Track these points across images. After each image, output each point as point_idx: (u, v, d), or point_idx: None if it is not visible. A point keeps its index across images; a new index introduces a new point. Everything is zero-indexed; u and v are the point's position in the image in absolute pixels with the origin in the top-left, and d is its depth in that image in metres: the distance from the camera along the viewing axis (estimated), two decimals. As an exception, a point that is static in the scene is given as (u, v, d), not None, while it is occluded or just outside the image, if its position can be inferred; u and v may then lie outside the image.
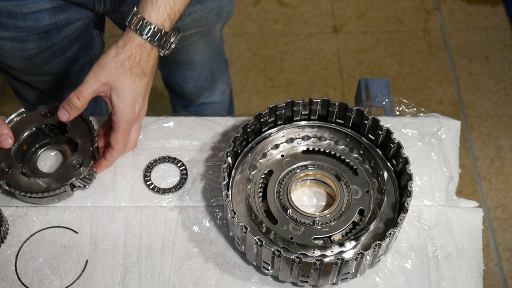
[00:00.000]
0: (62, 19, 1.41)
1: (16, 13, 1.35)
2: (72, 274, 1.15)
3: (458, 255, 1.19)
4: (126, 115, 1.19)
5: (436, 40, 3.04)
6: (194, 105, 2.01)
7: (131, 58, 1.16)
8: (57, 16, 1.40)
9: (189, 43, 1.66)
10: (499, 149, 2.71)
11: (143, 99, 1.21)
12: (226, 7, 1.63)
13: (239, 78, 2.90)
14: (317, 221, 1.15)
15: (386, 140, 1.20)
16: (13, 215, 1.21)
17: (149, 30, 1.14)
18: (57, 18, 1.40)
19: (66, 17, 1.42)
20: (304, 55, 2.99)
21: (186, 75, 1.83)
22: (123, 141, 1.23)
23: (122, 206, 1.23)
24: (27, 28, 1.39)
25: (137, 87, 1.18)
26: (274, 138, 1.24)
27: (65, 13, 1.40)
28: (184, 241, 1.19)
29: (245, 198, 1.16)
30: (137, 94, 1.18)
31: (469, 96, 2.87)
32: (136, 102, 1.19)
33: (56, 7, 1.38)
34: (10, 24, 1.37)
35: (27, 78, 1.58)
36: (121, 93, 1.16)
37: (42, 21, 1.39)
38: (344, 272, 1.08)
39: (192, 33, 1.62)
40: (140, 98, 1.19)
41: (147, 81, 1.20)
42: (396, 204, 1.17)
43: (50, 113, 1.26)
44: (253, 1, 3.16)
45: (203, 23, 1.60)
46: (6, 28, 1.38)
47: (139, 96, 1.19)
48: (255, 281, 1.15)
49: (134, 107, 1.19)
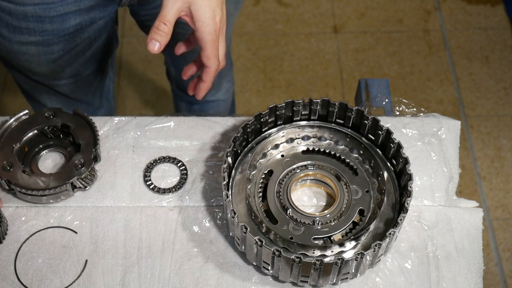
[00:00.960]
0: (87, 19, 1.40)
1: (43, 17, 1.34)
2: (72, 274, 1.15)
3: (458, 255, 1.19)
4: (210, 26, 1.17)
5: (436, 40, 3.04)
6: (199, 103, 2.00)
7: None
8: (82, 16, 1.39)
9: None
10: (499, 149, 2.71)
11: (221, 8, 1.20)
12: None
13: (239, 78, 2.90)
14: (317, 221, 1.15)
15: (386, 140, 1.20)
16: (13, 215, 1.21)
17: None
18: (83, 18, 1.39)
19: (90, 17, 1.41)
20: (304, 55, 2.99)
21: None
22: (214, 56, 1.21)
23: (122, 206, 1.23)
24: (53, 31, 1.37)
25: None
26: (274, 138, 1.24)
27: (89, 13, 1.39)
28: (184, 241, 1.19)
29: (245, 198, 1.16)
30: (214, 4, 1.17)
31: (469, 96, 2.87)
32: (216, 12, 1.18)
33: (82, 8, 1.37)
34: (36, 28, 1.36)
35: (48, 83, 1.57)
36: (200, 5, 1.16)
37: (68, 23, 1.37)
38: (344, 272, 1.09)
39: None
40: (219, 8, 1.19)
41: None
42: (396, 204, 1.17)
43: (54, 115, 1.26)
44: (253, 1, 3.16)
45: None
46: (32, 33, 1.36)
47: (217, 5, 1.18)
48: (255, 281, 1.15)
49: (214, 17, 1.18)
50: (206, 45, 1.19)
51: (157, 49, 1.17)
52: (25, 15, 1.32)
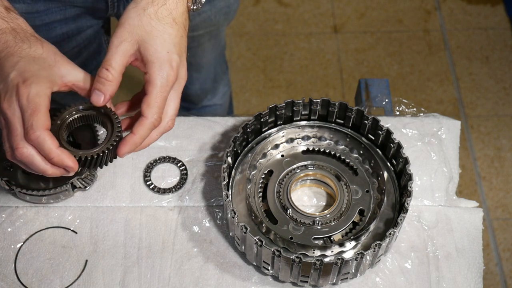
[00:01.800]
0: (74, 28, 1.39)
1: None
2: (72, 274, 1.15)
3: (458, 255, 1.19)
4: (162, 70, 0.97)
5: (436, 40, 3.04)
6: (197, 108, 2.00)
7: (154, 1, 0.98)
8: (68, 25, 1.37)
9: (197, 44, 1.65)
10: (499, 149, 2.71)
11: (179, 54, 1.00)
12: (234, 6, 1.61)
13: (239, 78, 2.90)
14: (317, 221, 1.15)
15: (386, 140, 1.20)
16: (13, 215, 1.21)
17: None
18: (69, 27, 1.37)
19: (77, 26, 1.39)
20: (304, 55, 2.99)
21: (192, 77, 1.82)
22: (157, 107, 0.97)
23: (122, 206, 1.23)
24: None
25: (169, 36, 0.98)
26: (274, 138, 1.24)
27: (76, 22, 1.38)
28: (184, 241, 1.19)
29: (245, 198, 1.16)
30: (170, 45, 0.98)
31: (469, 96, 2.87)
32: (172, 56, 0.98)
33: (68, 17, 1.35)
34: None
35: None
36: (151, 44, 0.97)
37: (54, 32, 1.35)
38: (344, 272, 1.09)
39: (201, 33, 1.61)
40: (175, 52, 0.99)
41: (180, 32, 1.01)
42: (396, 204, 1.17)
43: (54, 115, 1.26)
44: (253, 1, 3.16)
45: (211, 23, 1.59)
46: None
47: (173, 47, 0.99)
48: (255, 281, 1.15)
49: (170, 60, 0.98)
50: (152, 89, 0.97)
51: (102, 101, 0.98)
52: None
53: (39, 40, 1.00)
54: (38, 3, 1.27)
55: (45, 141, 0.93)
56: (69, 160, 0.96)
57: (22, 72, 0.94)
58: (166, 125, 1.03)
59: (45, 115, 0.94)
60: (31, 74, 0.94)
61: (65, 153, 0.95)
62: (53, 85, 0.96)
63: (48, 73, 0.96)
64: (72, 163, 0.96)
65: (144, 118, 0.98)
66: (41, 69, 0.96)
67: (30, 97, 0.93)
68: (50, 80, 0.96)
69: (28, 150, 0.94)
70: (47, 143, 0.93)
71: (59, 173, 0.98)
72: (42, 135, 0.93)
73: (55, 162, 0.95)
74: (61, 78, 0.98)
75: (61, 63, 0.99)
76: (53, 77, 0.97)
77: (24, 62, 0.96)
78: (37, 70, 0.95)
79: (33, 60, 0.96)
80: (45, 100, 0.94)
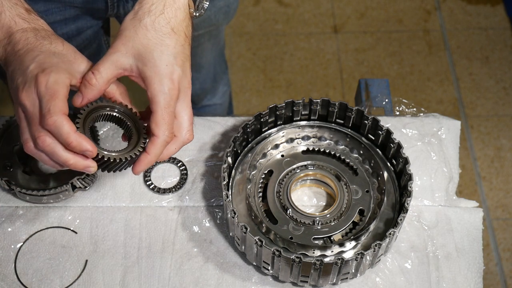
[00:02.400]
0: (74, 29, 1.38)
1: None
2: (72, 274, 1.15)
3: (458, 255, 1.19)
4: (163, 85, 0.94)
5: (436, 40, 3.04)
6: (196, 108, 2.00)
7: (152, 11, 0.94)
8: (68, 26, 1.36)
9: (197, 44, 1.65)
10: (499, 149, 2.71)
11: (180, 65, 0.97)
12: (233, 5, 1.60)
13: (239, 78, 2.90)
14: (317, 221, 1.15)
15: (386, 140, 1.20)
16: (13, 215, 1.21)
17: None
18: (69, 28, 1.37)
19: (77, 27, 1.39)
20: (304, 55, 2.99)
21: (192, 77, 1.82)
22: (165, 124, 0.95)
23: (122, 206, 1.23)
24: None
25: (167, 47, 0.95)
26: (274, 138, 1.24)
27: (76, 22, 1.37)
28: (184, 241, 1.19)
29: (245, 198, 1.16)
30: (169, 57, 0.95)
31: (469, 96, 2.87)
32: (172, 68, 0.95)
33: (67, 18, 1.35)
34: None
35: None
36: (148, 59, 0.94)
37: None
38: (344, 272, 1.08)
39: (201, 33, 1.61)
40: (176, 63, 0.96)
41: (180, 41, 0.98)
42: (396, 204, 1.17)
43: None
44: (253, 1, 3.16)
45: (211, 23, 1.59)
46: None
47: (173, 59, 0.96)
48: (255, 281, 1.15)
49: (170, 74, 0.95)
50: (157, 108, 0.95)
51: (79, 103, 0.96)
52: None
53: (60, 38, 1.01)
54: (38, 3, 1.27)
55: (63, 125, 0.90)
56: (87, 144, 0.92)
57: (41, 64, 0.93)
58: (184, 137, 1.01)
59: (63, 101, 0.92)
60: (51, 64, 0.93)
61: (83, 137, 0.92)
62: (72, 77, 0.95)
63: (67, 66, 0.96)
64: (90, 147, 0.92)
65: (156, 138, 0.96)
66: (61, 62, 0.95)
67: (48, 85, 0.91)
68: (70, 72, 0.95)
69: (51, 139, 0.92)
70: (65, 127, 0.90)
71: (80, 165, 0.94)
72: (60, 119, 0.90)
73: (73, 146, 0.92)
74: (80, 74, 0.97)
75: (81, 60, 0.99)
76: (72, 70, 0.96)
77: (44, 55, 0.95)
78: (57, 63, 0.95)
79: (53, 54, 0.96)
80: (64, 88, 0.92)
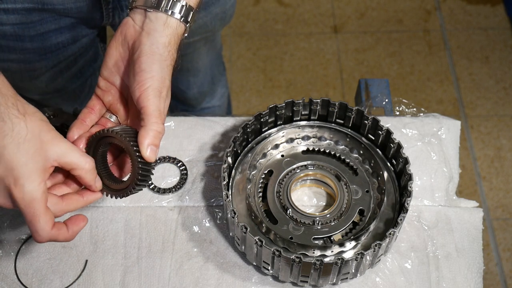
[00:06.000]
0: (69, 37, 1.38)
1: (23, 36, 1.31)
2: (72, 274, 1.15)
3: (458, 255, 1.19)
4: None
5: (436, 40, 3.04)
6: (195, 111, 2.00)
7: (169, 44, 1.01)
8: (64, 35, 1.37)
9: (193, 50, 1.65)
10: (499, 149, 2.71)
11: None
12: (229, 11, 1.61)
13: (239, 78, 2.90)
14: (317, 221, 1.15)
15: (386, 140, 1.20)
16: (13, 215, 1.21)
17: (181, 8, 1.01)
18: (64, 36, 1.37)
19: (72, 35, 1.39)
20: (304, 55, 2.99)
21: (189, 82, 1.83)
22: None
23: (122, 206, 1.23)
24: (34, 49, 1.35)
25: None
26: (274, 138, 1.24)
27: (71, 31, 1.37)
28: (184, 241, 1.19)
29: (245, 198, 1.16)
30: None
31: (469, 96, 2.87)
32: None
33: (63, 26, 1.34)
34: (17, 46, 1.33)
35: (31, 96, 1.56)
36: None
37: (49, 41, 1.35)
38: (344, 272, 1.09)
39: (196, 39, 1.61)
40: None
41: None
42: (396, 204, 1.17)
43: (54, 115, 1.26)
44: (253, 1, 3.16)
45: (207, 29, 1.59)
46: (13, 51, 1.34)
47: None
48: (255, 281, 1.15)
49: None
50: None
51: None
52: (4, 34, 1.29)
53: (21, 114, 0.93)
54: (33, 13, 1.27)
55: (58, 237, 0.95)
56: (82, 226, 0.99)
57: (10, 170, 0.90)
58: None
59: (45, 214, 0.92)
60: (20, 170, 0.90)
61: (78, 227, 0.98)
62: (45, 174, 0.93)
63: (37, 161, 0.92)
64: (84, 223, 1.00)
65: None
66: (29, 159, 0.91)
67: (26, 201, 0.91)
68: (42, 169, 0.92)
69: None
70: (60, 238, 0.96)
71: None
72: (53, 236, 0.94)
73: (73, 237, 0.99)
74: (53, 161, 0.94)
75: (50, 143, 0.93)
76: (43, 163, 0.93)
77: (10, 154, 0.90)
78: (25, 163, 0.91)
79: (18, 150, 0.90)
80: (42, 197, 0.92)
